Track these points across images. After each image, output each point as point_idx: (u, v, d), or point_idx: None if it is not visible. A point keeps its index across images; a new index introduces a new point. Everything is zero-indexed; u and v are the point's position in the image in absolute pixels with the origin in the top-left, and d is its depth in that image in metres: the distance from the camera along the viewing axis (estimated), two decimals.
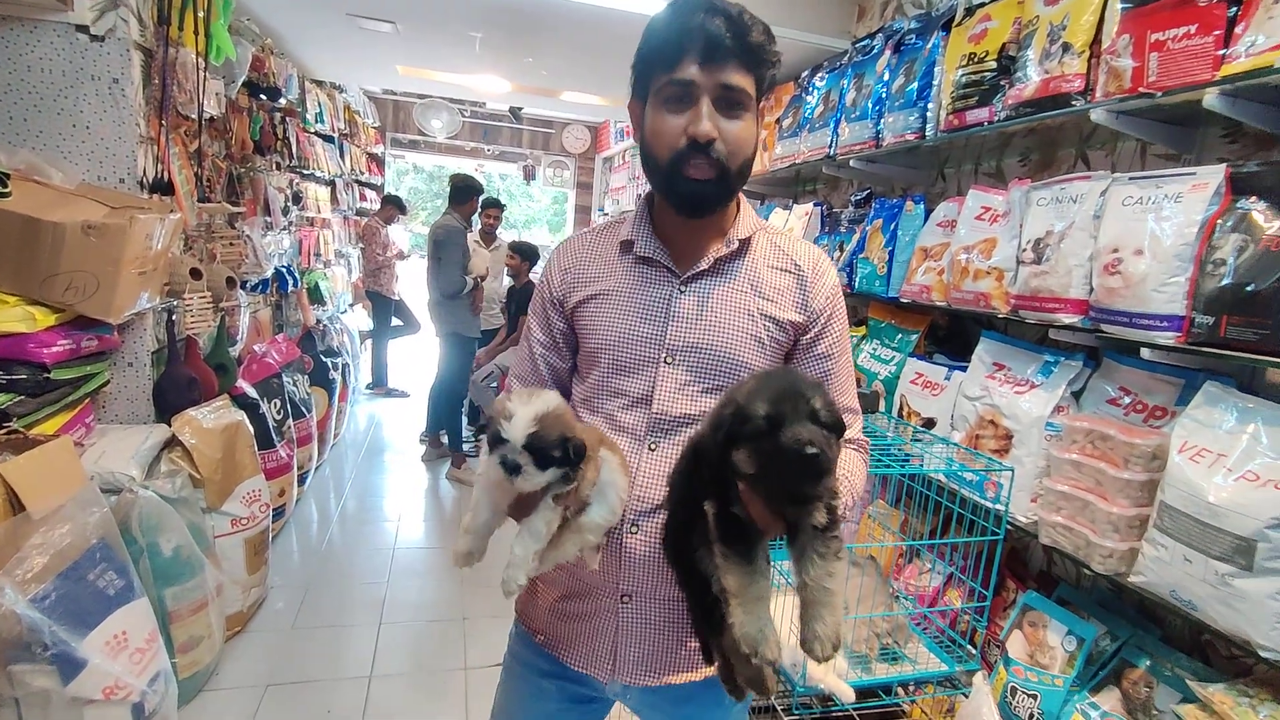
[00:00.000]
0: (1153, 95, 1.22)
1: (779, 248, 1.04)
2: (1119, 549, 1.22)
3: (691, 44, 0.88)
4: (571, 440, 0.82)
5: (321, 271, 4.81)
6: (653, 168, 0.96)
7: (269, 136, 3.55)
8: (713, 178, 0.91)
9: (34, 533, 1.50)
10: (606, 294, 1.00)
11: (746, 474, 0.75)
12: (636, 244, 1.00)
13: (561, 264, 1.06)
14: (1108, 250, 1.27)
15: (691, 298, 0.98)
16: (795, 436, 0.71)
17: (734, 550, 0.78)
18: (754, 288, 1.00)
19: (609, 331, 0.99)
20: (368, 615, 2.70)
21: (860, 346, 2.15)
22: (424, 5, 2.64)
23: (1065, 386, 1.46)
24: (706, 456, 0.80)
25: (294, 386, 3.43)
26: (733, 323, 0.98)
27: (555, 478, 0.82)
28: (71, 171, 2.03)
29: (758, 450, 0.73)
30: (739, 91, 0.90)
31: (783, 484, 0.74)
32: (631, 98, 1.00)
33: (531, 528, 0.85)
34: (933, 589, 1.77)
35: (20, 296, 1.80)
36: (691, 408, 0.97)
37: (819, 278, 1.02)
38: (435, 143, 7.31)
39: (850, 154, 2.14)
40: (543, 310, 1.07)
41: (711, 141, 0.89)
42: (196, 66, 2.38)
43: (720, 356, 0.97)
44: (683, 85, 0.89)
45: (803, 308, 1.01)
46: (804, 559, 0.77)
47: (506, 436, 0.80)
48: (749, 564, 0.77)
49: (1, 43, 2.02)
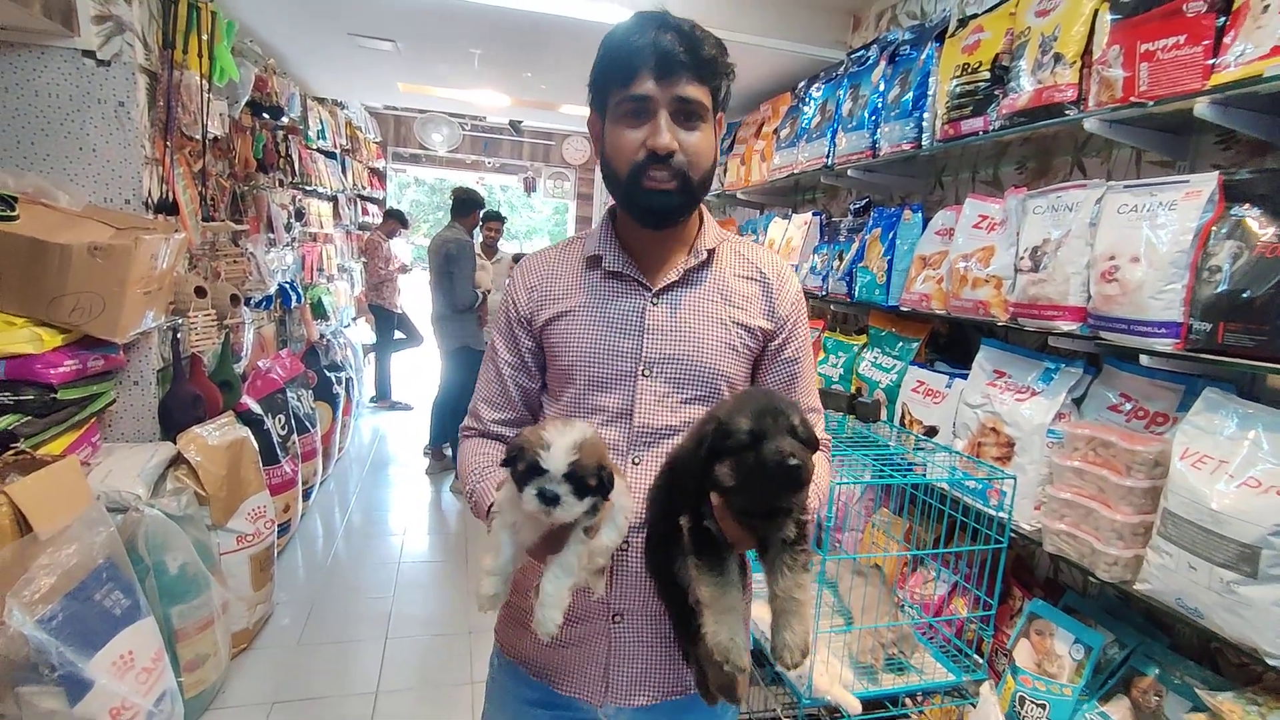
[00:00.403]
0: (1144, 105, 1.23)
1: (744, 256, 1.07)
2: (1124, 556, 1.21)
3: (646, 60, 0.90)
4: (606, 468, 0.81)
5: (324, 286, 4.84)
6: (614, 181, 0.97)
7: (272, 154, 3.58)
8: (674, 188, 0.93)
9: (41, 553, 1.51)
10: (577, 310, 1.00)
11: (727, 487, 0.78)
12: (604, 259, 1.01)
13: (527, 282, 1.05)
14: (1104, 258, 1.27)
15: (664, 310, 1.00)
16: (778, 449, 0.75)
17: (706, 562, 0.82)
18: (724, 297, 1.02)
19: (583, 347, 0.99)
20: (373, 630, 2.69)
21: (861, 355, 2.16)
22: (424, 24, 2.67)
23: (1066, 393, 1.46)
24: (686, 471, 0.83)
25: (298, 402, 3.44)
26: (707, 332, 1.00)
27: (588, 508, 0.81)
28: (78, 193, 2.06)
29: (740, 463, 0.77)
30: (695, 103, 0.92)
31: (762, 495, 0.78)
32: (591, 113, 1.01)
33: (564, 563, 0.83)
34: (938, 598, 1.77)
35: (28, 318, 1.82)
36: (673, 419, 0.99)
37: (783, 285, 1.06)
38: (436, 156, 7.36)
39: (848, 163, 2.15)
40: (509, 330, 1.06)
41: (671, 153, 0.91)
42: (200, 88, 2.41)
43: (697, 366, 0.99)
44: (640, 100, 0.91)
45: (770, 314, 1.04)
46: (774, 571, 0.81)
47: (546, 466, 0.78)
48: (720, 575, 0.81)
49: (10, 68, 2.06)
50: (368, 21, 2.72)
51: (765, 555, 0.83)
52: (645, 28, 0.91)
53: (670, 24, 0.92)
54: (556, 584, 0.82)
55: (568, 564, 0.83)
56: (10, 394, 1.77)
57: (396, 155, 7.50)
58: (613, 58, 0.93)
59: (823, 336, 2.40)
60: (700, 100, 0.92)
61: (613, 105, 0.94)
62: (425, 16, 2.55)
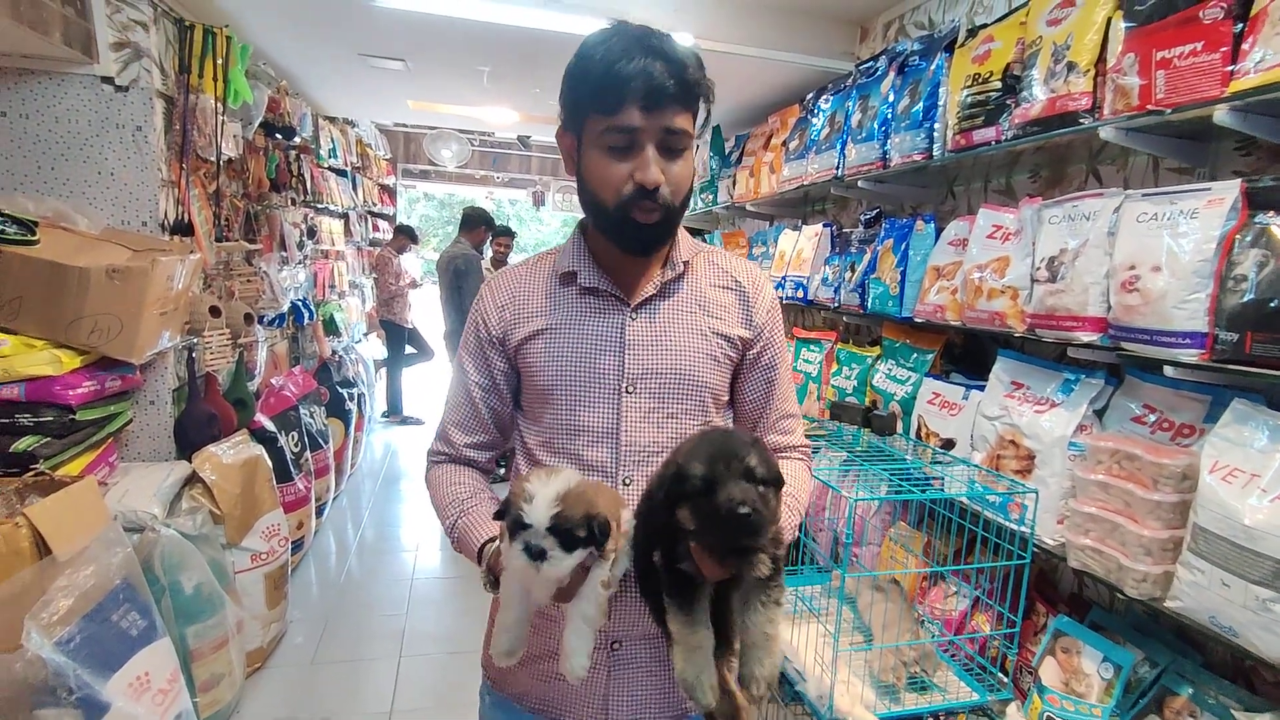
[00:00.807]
0: (1162, 112, 1.22)
1: (718, 266, 1.06)
2: (1153, 573, 1.19)
3: (633, 90, 0.86)
4: (596, 517, 0.78)
5: (336, 303, 4.88)
6: (597, 210, 0.95)
7: (284, 174, 3.63)
8: (660, 219, 0.92)
9: (59, 575, 1.51)
10: (554, 329, 0.98)
11: (689, 530, 0.78)
12: (580, 275, 0.99)
13: (496, 301, 1.02)
14: (1124, 267, 1.26)
15: (643, 324, 0.98)
16: (729, 496, 0.74)
17: (676, 600, 0.82)
18: (702, 308, 1.01)
19: (563, 366, 0.97)
20: (387, 648, 2.68)
21: (875, 367, 2.14)
22: (433, 43, 2.70)
23: (1087, 405, 1.44)
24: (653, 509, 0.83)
25: (311, 418, 3.46)
26: (689, 344, 0.99)
27: (583, 558, 0.79)
28: (96, 217, 2.08)
29: (695, 509, 0.77)
30: (681, 134, 0.91)
31: (721, 540, 0.78)
32: (562, 128, 0.97)
33: (584, 614, 0.81)
34: (959, 613, 1.74)
35: (48, 340, 1.84)
36: (660, 435, 0.97)
37: (759, 292, 1.05)
38: (446, 172, 7.43)
39: (858, 174, 2.14)
40: (480, 350, 1.03)
41: (659, 186, 0.89)
42: (215, 111, 2.45)
43: (681, 379, 0.98)
44: (627, 132, 0.88)
45: (748, 323, 1.04)
46: (747, 607, 0.82)
47: (529, 521, 0.75)
48: (690, 614, 0.81)
49: (31, 96, 2.10)
50: (378, 42, 2.76)
51: (738, 590, 0.83)
52: (630, 53, 0.86)
53: (655, 49, 0.88)
54: (580, 638, 0.80)
55: (588, 615, 0.81)
56: (30, 415, 1.79)
57: (406, 171, 7.58)
58: (598, 84, 0.88)
59: (836, 348, 2.39)
60: (685, 130, 0.91)
61: (595, 132, 0.90)
62: (435, 36, 2.58)
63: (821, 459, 1.90)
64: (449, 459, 1.05)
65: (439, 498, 1.02)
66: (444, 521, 1.00)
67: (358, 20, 2.46)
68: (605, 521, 0.79)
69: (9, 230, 1.81)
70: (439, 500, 1.02)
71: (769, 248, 2.85)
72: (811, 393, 2.45)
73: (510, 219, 13.49)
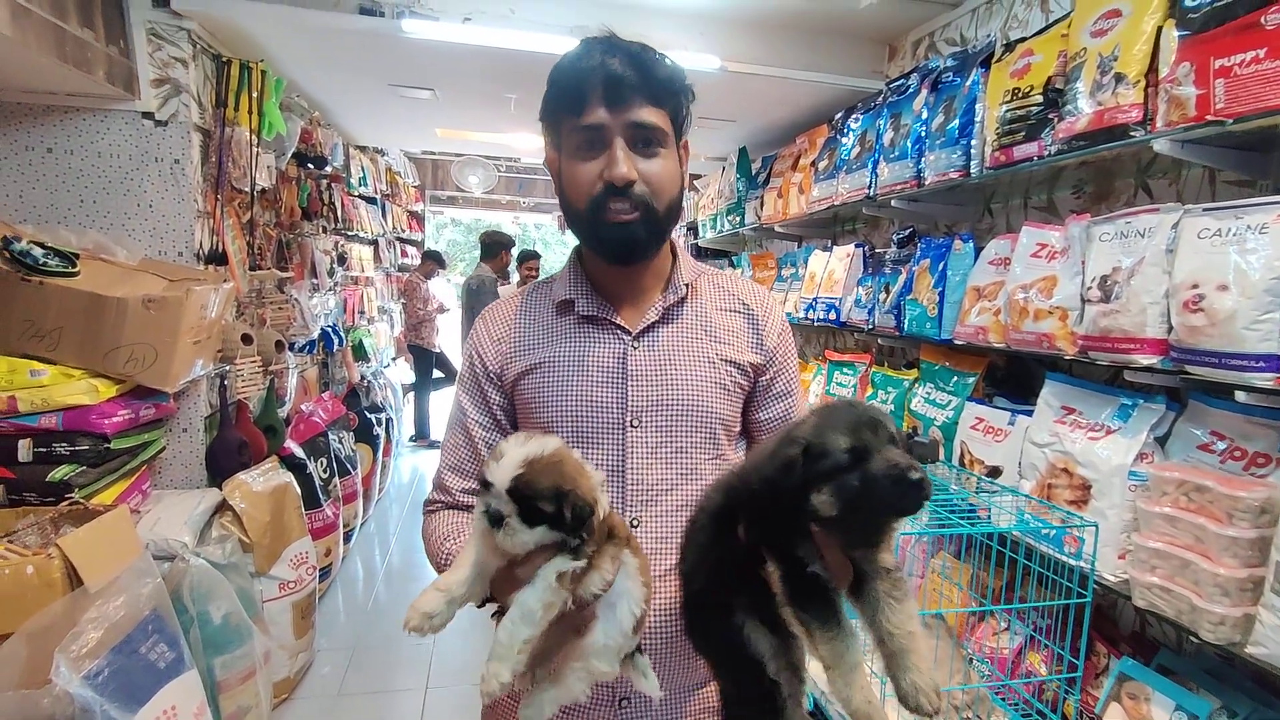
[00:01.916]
0: (1223, 123, 1.15)
1: (723, 288, 1.00)
2: (1231, 615, 1.09)
3: (594, 86, 0.84)
4: (570, 494, 0.67)
5: (365, 329, 4.94)
6: (574, 217, 0.91)
7: (316, 203, 3.70)
8: (636, 219, 0.87)
9: (90, 606, 1.51)
10: (552, 361, 0.93)
11: (828, 517, 0.67)
12: (577, 303, 0.94)
13: (492, 334, 0.98)
14: (1186, 286, 1.18)
15: (646, 353, 0.93)
16: (893, 462, 0.65)
17: (815, 614, 0.70)
18: (708, 333, 0.96)
19: (563, 402, 0.91)
20: (415, 679, 2.64)
21: (913, 390, 2.07)
22: (461, 72, 2.74)
23: (1147, 431, 1.35)
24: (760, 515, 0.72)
25: (339, 444, 3.47)
26: (695, 373, 0.93)
27: (549, 540, 0.68)
28: (134, 247, 2.13)
29: (843, 488, 0.66)
30: (652, 128, 0.86)
31: (875, 521, 0.68)
32: (548, 150, 0.95)
33: (523, 605, 0.67)
34: (1012, 650, 1.64)
35: (85, 369, 1.86)
36: (669, 472, 0.91)
37: (768, 315, 1.00)
38: (473, 197, 7.54)
39: (891, 193, 2.09)
40: (477, 387, 0.97)
41: (630, 183, 0.85)
42: (250, 143, 2.50)
43: (689, 411, 0.92)
44: (592, 130, 0.85)
45: (758, 348, 0.98)
46: (880, 606, 0.70)
47: (490, 480, 0.68)
48: (838, 625, 0.69)
49: (76, 131, 2.16)
50: (408, 72, 2.80)
51: (862, 590, 0.72)
52: (592, 52, 0.86)
53: (618, 47, 0.86)
54: (511, 632, 0.67)
55: (528, 609, 0.67)
56: (67, 444, 1.81)
57: (434, 198, 7.71)
58: (561, 87, 0.87)
59: (870, 371, 2.32)
60: (657, 125, 0.87)
61: (566, 137, 0.88)
62: (463, 66, 2.61)
63: None
64: (444, 506, 0.98)
65: (433, 543, 0.93)
66: (438, 560, 0.91)
67: (388, 52, 2.51)
68: (583, 504, 0.68)
69: (51, 263, 1.85)
70: (433, 545, 0.92)
71: (799, 269, 2.80)
72: None
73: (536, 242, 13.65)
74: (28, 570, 1.46)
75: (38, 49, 1.72)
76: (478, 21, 2.29)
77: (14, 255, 1.81)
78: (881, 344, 2.52)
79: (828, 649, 0.69)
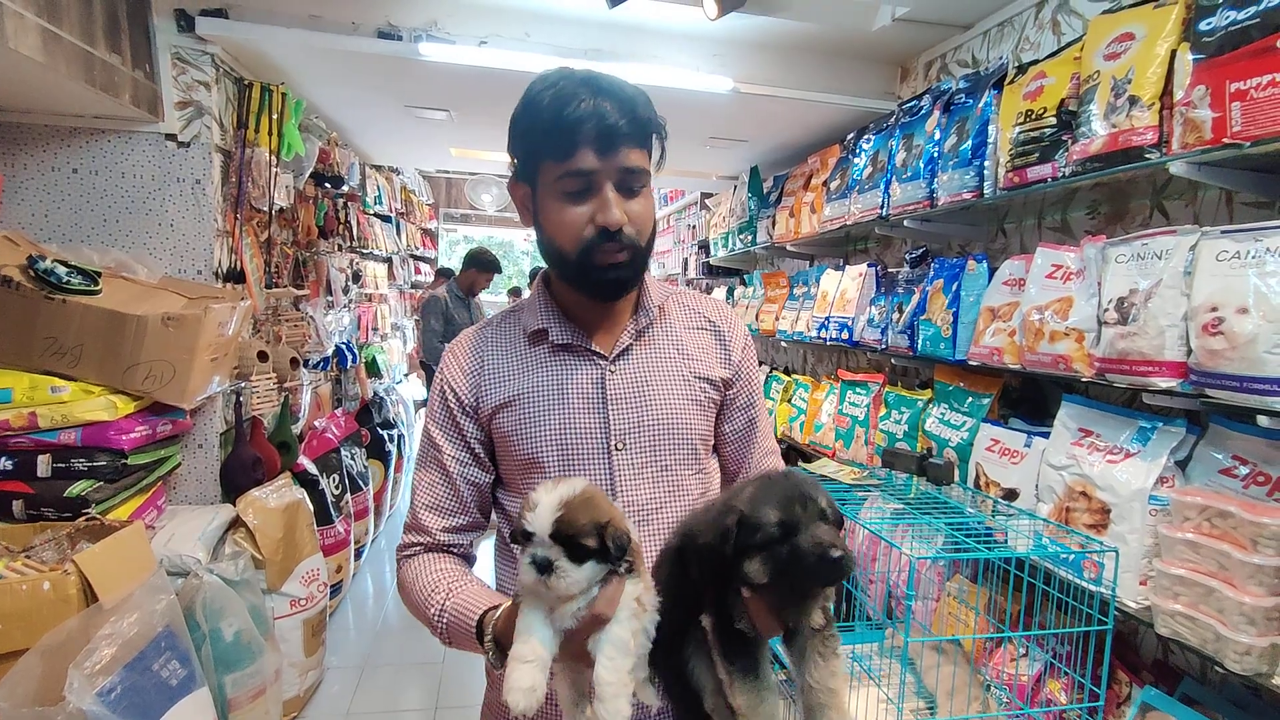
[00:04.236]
0: (1240, 146, 1.15)
1: (689, 307, 1.03)
2: (1258, 645, 1.07)
3: (585, 133, 0.84)
4: (608, 526, 0.70)
5: (379, 345, 4.97)
6: (559, 259, 0.91)
7: (332, 221, 3.75)
8: (626, 259, 0.89)
9: (105, 623, 1.52)
10: (531, 392, 0.93)
11: (758, 584, 0.72)
12: (550, 332, 0.95)
13: (463, 366, 0.97)
14: (1205, 309, 1.17)
15: (623, 377, 0.95)
16: (817, 540, 0.69)
17: (738, 666, 0.75)
18: (680, 352, 0.98)
19: (547, 431, 0.92)
20: (424, 699, 2.62)
21: (927, 411, 2.05)
22: (477, 94, 2.78)
23: (1168, 455, 1.33)
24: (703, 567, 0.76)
25: (352, 460, 3.49)
26: (673, 391, 0.96)
27: (598, 575, 0.70)
28: (155, 266, 2.16)
29: (773, 558, 0.71)
30: (639, 172, 0.89)
31: (800, 590, 0.73)
32: (513, 180, 0.96)
33: (615, 640, 0.69)
34: (1031, 677, 1.61)
35: (104, 386, 1.89)
36: (657, 490, 0.93)
37: (733, 330, 1.03)
38: (485, 215, 7.62)
39: (904, 214, 2.09)
40: (451, 421, 0.96)
41: (621, 227, 0.87)
42: (269, 163, 2.54)
43: (670, 429, 0.94)
44: (583, 176, 0.86)
45: (726, 362, 1.01)
46: (806, 661, 0.75)
47: (532, 529, 0.69)
48: (756, 679, 0.74)
49: (101, 153, 2.21)
50: (424, 94, 2.85)
51: (792, 643, 0.77)
52: (578, 95, 0.85)
53: (604, 88, 0.86)
54: (612, 669, 0.68)
55: (620, 641, 0.69)
56: (85, 460, 1.83)
57: (447, 216, 7.80)
58: (546, 130, 0.86)
59: (884, 391, 2.30)
60: (642, 168, 0.89)
61: (549, 179, 0.88)
62: (479, 87, 2.66)
63: (870, 508, 1.81)
64: (423, 549, 0.96)
65: (417, 591, 0.90)
66: (429, 611, 0.88)
67: (406, 74, 2.55)
68: (622, 532, 0.71)
69: (74, 281, 1.89)
70: (418, 594, 0.90)
71: (811, 288, 2.80)
72: (859, 437, 2.36)
73: None
74: (44, 586, 1.47)
75: (67, 74, 1.77)
76: (494, 44, 2.33)
77: (38, 274, 1.85)
78: (895, 364, 2.51)
79: (744, 699, 0.74)
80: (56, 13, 1.72)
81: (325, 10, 2.23)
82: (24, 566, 1.54)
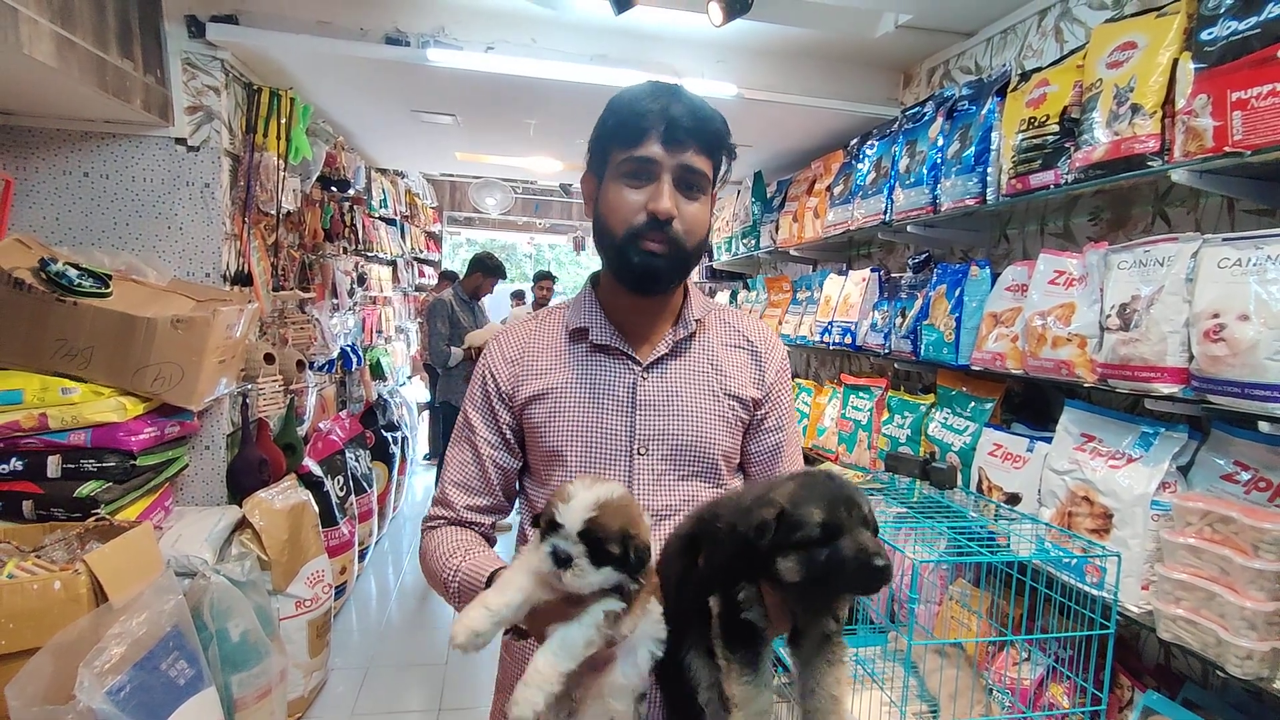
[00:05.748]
0: (1241, 154, 1.16)
1: (731, 325, 1.04)
2: (1259, 650, 1.08)
3: (655, 125, 0.89)
4: (635, 538, 0.70)
5: (383, 348, 4.99)
6: (607, 241, 0.95)
7: (338, 224, 3.77)
8: (665, 252, 0.91)
9: (114, 623, 1.53)
10: (564, 387, 0.96)
11: (789, 583, 0.71)
12: (591, 331, 0.97)
13: (506, 355, 1.00)
14: (1206, 316, 1.18)
15: (655, 384, 0.96)
16: (862, 548, 0.68)
17: (739, 657, 0.74)
18: (714, 367, 0.99)
19: (573, 427, 0.94)
20: (427, 700, 2.63)
21: (930, 415, 2.06)
22: (482, 98, 2.80)
23: (1170, 460, 1.34)
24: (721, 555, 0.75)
25: (356, 462, 3.50)
26: (701, 405, 0.97)
27: (612, 582, 0.70)
28: (164, 269, 2.19)
29: (810, 559, 0.69)
30: (698, 174, 0.91)
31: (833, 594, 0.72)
32: (586, 172, 1.00)
33: (567, 639, 0.69)
34: (1033, 681, 1.61)
35: (114, 388, 1.91)
36: (672, 498, 0.95)
37: (771, 352, 1.04)
38: (490, 219, 7.65)
39: (907, 219, 2.11)
40: (488, 405, 0.99)
41: (671, 219, 0.90)
42: (277, 167, 2.57)
43: (693, 441, 0.96)
44: (645, 162, 0.90)
45: (759, 383, 1.02)
46: (813, 666, 0.75)
47: (561, 521, 0.69)
48: (754, 673, 0.73)
49: (112, 157, 2.24)
50: (431, 99, 2.87)
51: (800, 646, 0.76)
52: (658, 95, 0.91)
53: (683, 97, 0.92)
54: (551, 662, 0.68)
55: (571, 644, 0.69)
56: (94, 461, 1.85)
57: (451, 219, 7.83)
58: (621, 119, 0.92)
59: (887, 395, 2.31)
60: (704, 171, 0.92)
61: (614, 164, 0.93)
62: (485, 93, 2.68)
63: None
64: (447, 522, 0.99)
65: (435, 558, 0.92)
66: (443, 575, 0.90)
67: (412, 79, 2.58)
68: (645, 548, 0.71)
69: (85, 284, 1.91)
70: (435, 560, 0.92)
71: (814, 292, 2.81)
72: (861, 441, 2.37)
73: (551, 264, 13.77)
74: (55, 586, 1.48)
75: (80, 79, 1.79)
76: (500, 50, 2.35)
77: (50, 276, 1.87)
78: (898, 368, 2.52)
79: (741, 690, 0.72)
80: (70, 19, 1.74)
81: (334, 16, 2.25)
82: (35, 566, 1.56)
